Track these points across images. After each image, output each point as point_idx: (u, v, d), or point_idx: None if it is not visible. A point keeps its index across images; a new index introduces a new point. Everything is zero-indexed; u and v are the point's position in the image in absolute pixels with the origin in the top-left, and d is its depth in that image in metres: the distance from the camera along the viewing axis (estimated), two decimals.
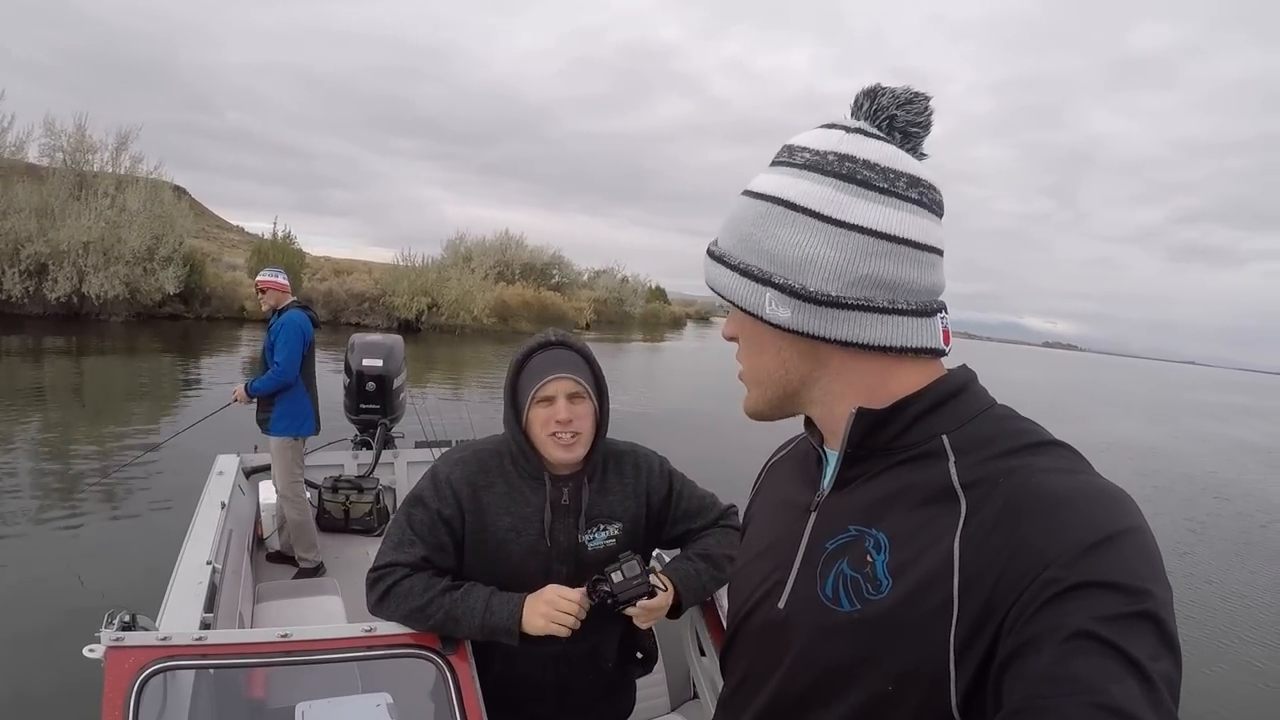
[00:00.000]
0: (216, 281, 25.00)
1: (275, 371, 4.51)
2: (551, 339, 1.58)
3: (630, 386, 19.57)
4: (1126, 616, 0.53)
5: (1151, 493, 12.03)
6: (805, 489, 0.83)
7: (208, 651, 1.35)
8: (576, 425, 1.52)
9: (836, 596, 0.70)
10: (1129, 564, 0.56)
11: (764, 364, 0.78)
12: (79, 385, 12.97)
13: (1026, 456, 0.66)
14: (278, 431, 4.53)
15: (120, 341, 18.32)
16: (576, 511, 1.58)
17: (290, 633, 1.41)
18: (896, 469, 0.72)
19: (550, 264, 45.14)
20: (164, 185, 24.51)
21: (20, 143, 22.45)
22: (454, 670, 1.45)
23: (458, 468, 1.57)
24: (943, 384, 0.73)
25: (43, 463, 7.83)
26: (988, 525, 0.62)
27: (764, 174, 0.75)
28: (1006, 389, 21.19)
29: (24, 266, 19.95)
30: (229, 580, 2.72)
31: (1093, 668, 0.51)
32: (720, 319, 1.06)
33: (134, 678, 1.28)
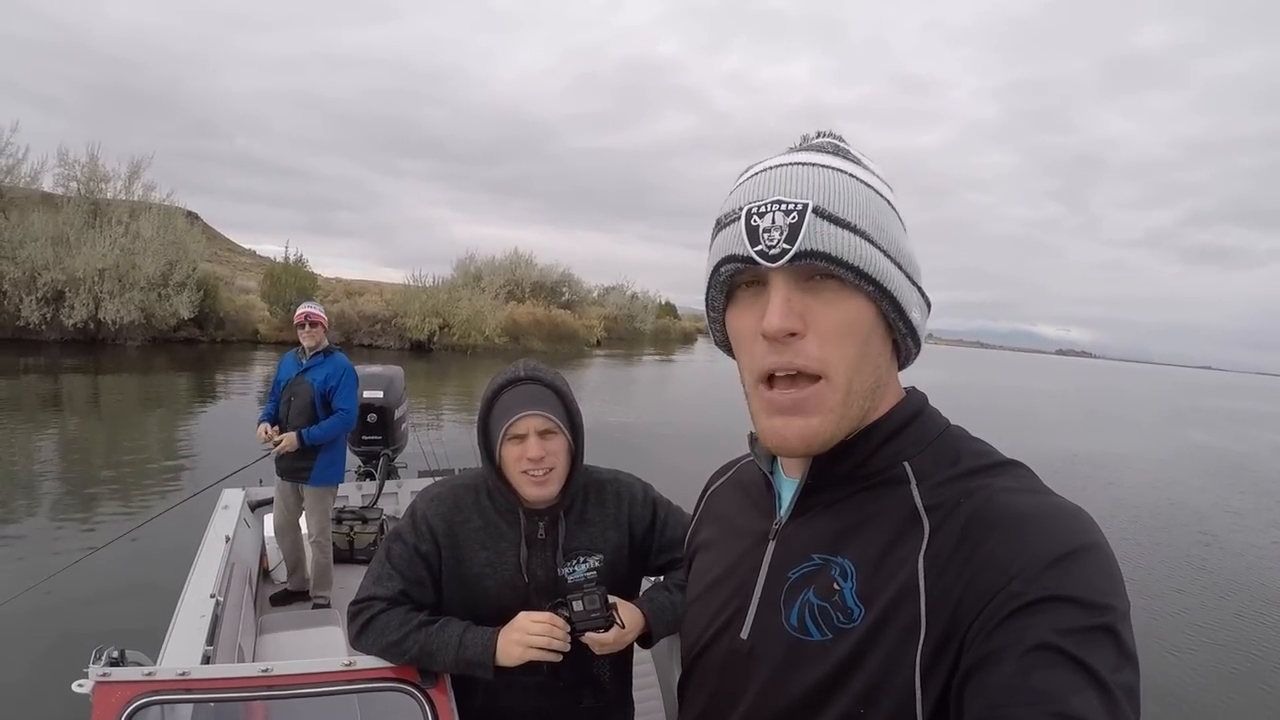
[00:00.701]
0: (230, 305, 25.23)
1: (341, 419, 4.42)
2: (521, 374, 1.54)
3: (642, 403, 19.67)
4: (1087, 630, 0.54)
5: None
6: (757, 516, 0.81)
7: (191, 686, 1.38)
8: (549, 461, 1.50)
9: (804, 626, 0.69)
10: (1090, 579, 0.57)
11: (865, 373, 0.69)
12: (97, 408, 13.05)
13: (986, 477, 0.67)
14: (321, 481, 4.42)
15: (137, 366, 18.45)
16: (554, 546, 1.57)
17: (271, 667, 1.44)
18: (859, 495, 0.71)
19: (560, 282, 45.25)
20: (177, 212, 24.89)
21: (35, 173, 22.95)
22: (433, 704, 1.46)
23: (433, 504, 1.58)
24: (903, 407, 0.73)
25: (56, 488, 7.83)
26: (951, 545, 0.63)
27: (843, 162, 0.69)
28: (1024, 399, 20.69)
29: (41, 294, 20.21)
30: (231, 613, 2.73)
31: (1053, 679, 0.52)
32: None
33: (120, 712, 1.30)
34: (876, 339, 0.69)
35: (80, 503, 7.38)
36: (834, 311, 0.66)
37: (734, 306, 0.73)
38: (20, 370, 15.94)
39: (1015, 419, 23.50)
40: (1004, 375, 62.65)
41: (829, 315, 0.66)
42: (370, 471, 5.22)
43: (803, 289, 0.66)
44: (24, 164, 22.63)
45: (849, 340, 0.67)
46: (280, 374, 4.54)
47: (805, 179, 0.66)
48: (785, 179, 0.67)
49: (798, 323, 0.65)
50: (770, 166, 0.69)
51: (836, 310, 0.66)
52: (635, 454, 10.13)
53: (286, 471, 4.42)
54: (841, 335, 0.66)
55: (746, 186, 0.70)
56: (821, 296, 0.66)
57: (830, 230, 0.64)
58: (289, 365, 4.52)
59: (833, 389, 0.67)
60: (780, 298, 0.66)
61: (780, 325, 0.65)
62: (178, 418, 12.71)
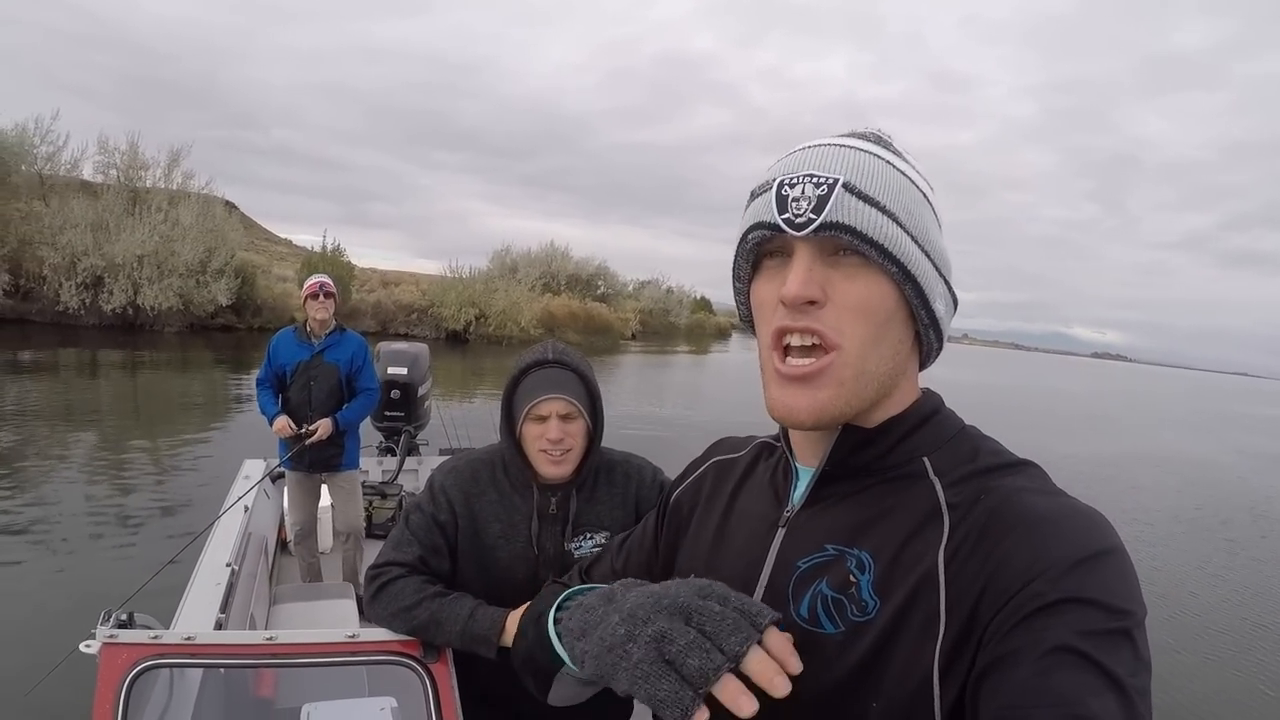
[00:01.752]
0: (267, 293, 25.23)
1: (370, 398, 4.12)
2: (549, 357, 1.58)
3: (676, 396, 19.54)
4: (1107, 633, 0.54)
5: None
6: (768, 501, 0.80)
7: (197, 651, 1.40)
8: (567, 443, 1.54)
9: (815, 617, 0.68)
10: (1111, 583, 0.57)
11: (880, 354, 0.68)
12: (134, 393, 12.97)
13: (1003, 476, 0.67)
14: (352, 464, 4.17)
15: (174, 352, 18.46)
16: (564, 520, 1.62)
17: (275, 635, 1.44)
18: (878, 488, 0.71)
19: (595, 275, 45.03)
20: (215, 200, 24.91)
21: (75, 160, 22.99)
22: (434, 678, 1.47)
23: (451, 476, 1.62)
24: (922, 405, 0.73)
25: (92, 466, 7.76)
26: (971, 541, 0.62)
27: (886, 152, 0.69)
28: (1063, 402, 20.34)
29: (81, 279, 20.24)
30: (245, 582, 2.81)
31: (1072, 681, 0.52)
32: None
33: (125, 674, 1.31)
34: (897, 323, 0.68)
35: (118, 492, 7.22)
36: (855, 286, 0.66)
37: (759, 277, 0.73)
38: (59, 356, 15.89)
39: (1062, 423, 22.78)
40: (1041, 377, 61.82)
41: (850, 289, 0.66)
42: (391, 447, 5.22)
43: (826, 262, 0.67)
44: (64, 151, 22.73)
45: (867, 317, 0.66)
46: (282, 357, 4.02)
47: (841, 157, 0.67)
48: (822, 156, 0.68)
49: (817, 291, 0.66)
50: (809, 145, 0.70)
51: (858, 285, 0.66)
52: (665, 445, 10.21)
53: (315, 463, 3.99)
54: (859, 310, 0.66)
55: (784, 161, 0.70)
56: (844, 270, 0.66)
57: (858, 205, 0.65)
58: (292, 347, 4.03)
59: (845, 363, 0.67)
60: (803, 266, 0.66)
61: (799, 292, 0.65)
62: (216, 401, 12.61)
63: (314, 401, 3.95)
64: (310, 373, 3.97)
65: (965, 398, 0.70)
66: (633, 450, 1.77)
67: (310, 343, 4.00)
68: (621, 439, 1.57)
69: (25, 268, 20.12)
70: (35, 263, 20.09)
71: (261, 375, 4.07)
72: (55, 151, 22.52)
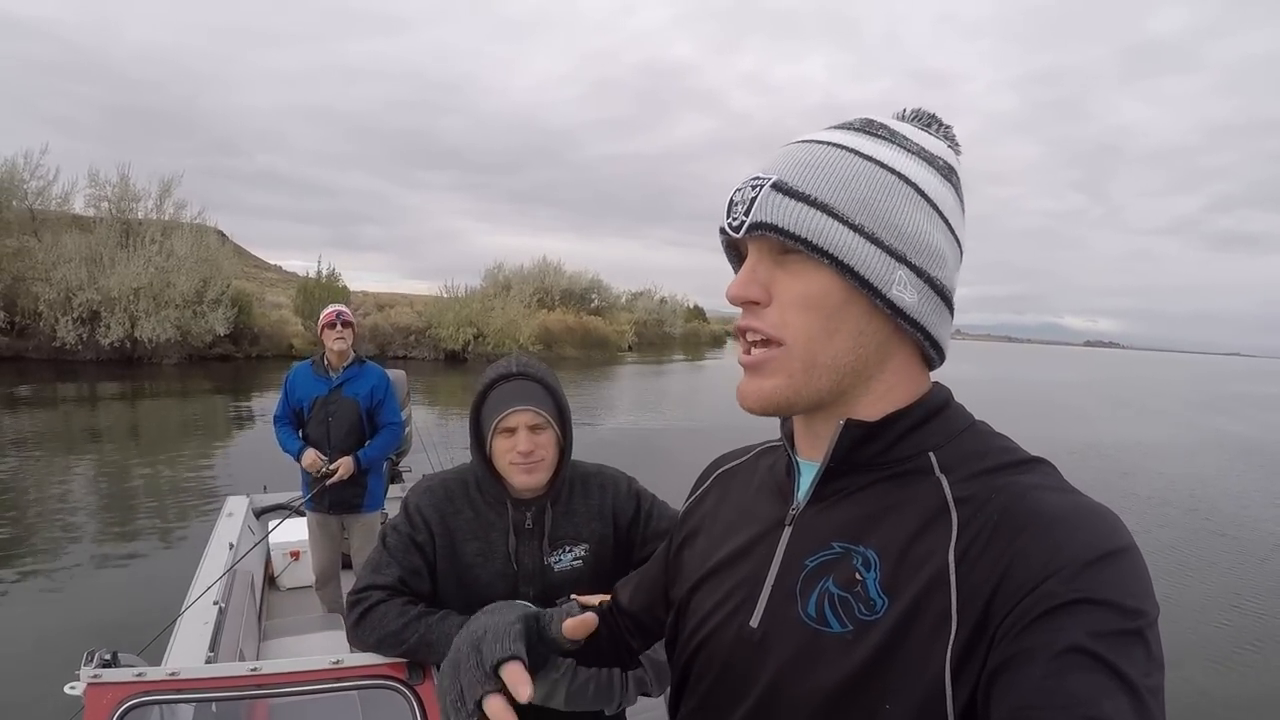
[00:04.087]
0: (263, 320, 25.11)
1: (393, 434, 3.90)
2: (513, 370, 1.58)
3: (673, 406, 19.45)
4: (1121, 634, 0.54)
5: None
6: (774, 501, 0.79)
7: (181, 686, 1.39)
8: (538, 454, 1.54)
9: (823, 616, 0.68)
10: (1125, 583, 0.56)
11: (834, 346, 0.68)
12: (136, 427, 12.84)
13: (1015, 474, 0.66)
14: (375, 506, 3.96)
15: (174, 383, 18.33)
16: (540, 535, 1.60)
17: (259, 666, 1.45)
18: (883, 484, 0.70)
19: (589, 288, 45.01)
20: (208, 230, 24.80)
21: (66, 194, 22.89)
22: (421, 700, 1.47)
23: (425, 496, 1.61)
24: (929, 399, 0.72)
25: (85, 501, 7.71)
26: (983, 539, 0.61)
27: (857, 137, 0.70)
28: (1055, 392, 20.46)
29: (77, 314, 20.11)
30: (233, 619, 2.81)
31: (1086, 683, 0.52)
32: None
33: (112, 713, 1.31)
34: (853, 315, 0.67)
35: (119, 521, 7.22)
36: (796, 283, 0.68)
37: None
38: (57, 391, 15.78)
39: (1057, 413, 22.80)
40: (1034, 369, 61.98)
41: (792, 285, 0.68)
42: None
43: (776, 261, 0.68)
44: (54, 186, 22.61)
45: (810, 312, 0.67)
46: (299, 392, 3.83)
47: (790, 155, 0.69)
48: (779, 156, 0.70)
49: (756, 291, 0.69)
50: (782, 146, 0.72)
51: (799, 282, 0.67)
52: (663, 456, 10.13)
53: (336, 504, 3.81)
54: (800, 305, 0.67)
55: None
56: (790, 268, 0.68)
57: (783, 203, 0.66)
58: (309, 381, 3.84)
59: (791, 356, 0.68)
60: (746, 268, 0.70)
61: (735, 293, 0.70)
62: (216, 435, 12.55)
63: (333, 439, 3.76)
64: (329, 408, 3.78)
65: (960, 394, 0.72)
66: (627, 461, 1.76)
67: (328, 376, 3.81)
68: (619, 450, 1.52)
69: (20, 304, 20.00)
70: (30, 299, 19.98)
71: (279, 412, 3.89)
72: (45, 186, 22.45)
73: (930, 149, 0.70)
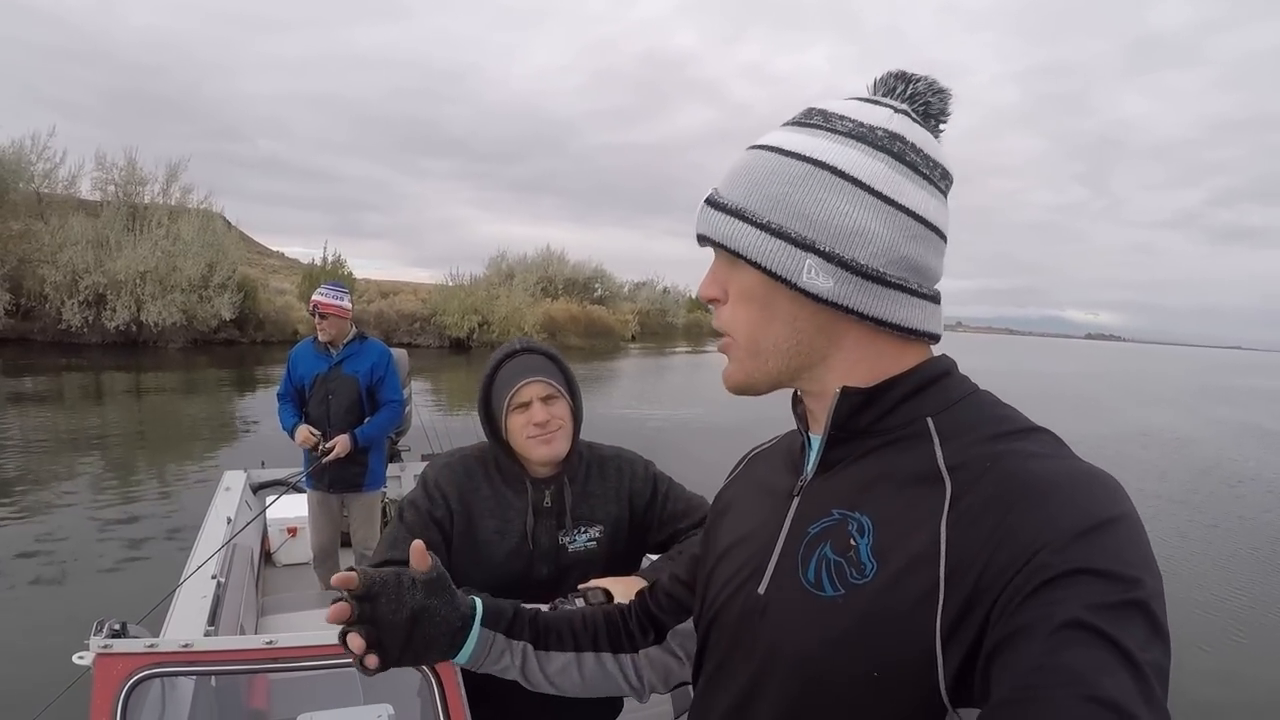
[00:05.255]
0: (269, 306, 25.12)
1: (393, 411, 3.88)
2: (517, 346, 1.61)
3: (676, 396, 19.47)
4: (1118, 605, 0.53)
5: None
6: (788, 475, 0.82)
7: (194, 658, 1.37)
8: (555, 423, 1.54)
9: (819, 581, 0.69)
10: (1120, 551, 0.55)
11: (773, 333, 0.73)
12: (136, 409, 12.84)
13: (1013, 442, 0.66)
14: (375, 485, 3.96)
15: (179, 366, 18.35)
16: (559, 513, 1.61)
17: (275, 640, 1.42)
18: (881, 451, 0.71)
19: (593, 278, 44.96)
20: (215, 216, 24.75)
21: (73, 177, 22.81)
22: (439, 678, 1.45)
23: (445, 472, 1.61)
24: (927, 368, 0.73)
25: (88, 480, 7.69)
26: (976, 509, 0.61)
27: (788, 133, 0.73)
28: (1063, 383, 20.36)
29: (83, 297, 20.10)
30: (232, 594, 2.81)
31: (1084, 659, 0.51)
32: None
33: (122, 684, 1.30)
34: (781, 304, 0.71)
35: (120, 490, 7.22)
36: (735, 281, 0.74)
37: None
38: (62, 378, 15.74)
39: (1068, 404, 22.81)
40: (1040, 361, 61.93)
41: (733, 284, 0.74)
42: None
43: (729, 263, 0.74)
44: (61, 169, 22.56)
45: (746, 305, 0.73)
46: (301, 369, 3.83)
47: (730, 167, 0.75)
48: (726, 169, 0.76)
49: (714, 290, 0.76)
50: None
51: (735, 280, 0.74)
52: (668, 446, 9.98)
53: (336, 482, 3.79)
54: (738, 301, 0.74)
55: None
56: (736, 269, 0.73)
57: (709, 214, 0.73)
58: (310, 358, 3.83)
59: (738, 345, 0.75)
60: (709, 271, 0.77)
61: (699, 294, 0.78)
62: (217, 412, 12.60)
63: (332, 416, 3.73)
64: (329, 385, 3.76)
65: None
66: (659, 446, 1.77)
67: (329, 354, 3.79)
68: (623, 437, 1.58)
69: (26, 286, 19.97)
70: (36, 281, 19.95)
71: (281, 389, 3.89)
72: (52, 169, 22.37)
73: (868, 122, 0.71)
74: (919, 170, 0.71)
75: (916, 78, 0.74)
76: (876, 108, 0.72)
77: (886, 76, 0.75)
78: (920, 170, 0.71)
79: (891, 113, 0.72)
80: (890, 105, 0.73)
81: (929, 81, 0.74)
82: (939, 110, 0.75)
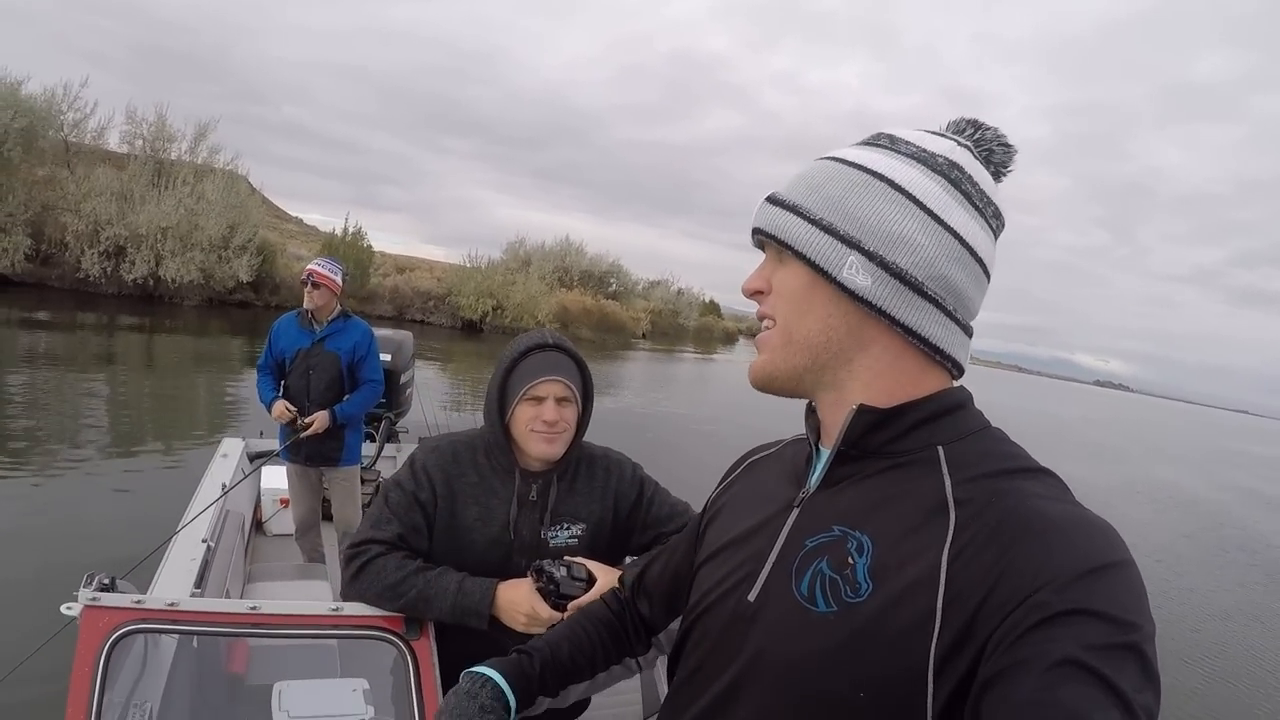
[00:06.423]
0: (287, 271, 25.04)
1: (373, 390, 3.93)
2: (549, 340, 1.61)
3: (683, 397, 19.61)
4: (1114, 647, 0.54)
5: None
6: (790, 485, 0.82)
7: (179, 617, 1.38)
8: (562, 425, 1.55)
9: (813, 595, 0.70)
10: (1118, 596, 0.57)
11: (806, 325, 0.75)
12: (148, 358, 12.89)
13: (1018, 480, 0.67)
14: (353, 460, 4.01)
15: (192, 323, 18.43)
16: (543, 508, 1.61)
17: (259, 605, 1.43)
18: (889, 473, 0.72)
19: (609, 272, 44.85)
20: (240, 178, 24.75)
21: (101, 129, 22.83)
22: (415, 655, 1.46)
23: (432, 455, 1.61)
24: (944, 396, 0.73)
25: (89, 434, 7.78)
26: (979, 543, 0.62)
27: (854, 149, 0.76)
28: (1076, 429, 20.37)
29: (103, 248, 20.11)
30: (221, 558, 2.81)
31: (1078, 695, 0.52)
32: None
33: (106, 637, 1.30)
34: (820, 298, 0.73)
35: (120, 446, 7.34)
36: (781, 274, 0.77)
37: None
38: (76, 318, 15.87)
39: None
40: (1043, 402, 61.69)
41: (779, 276, 0.77)
42: (371, 434, 5.12)
43: (777, 259, 0.78)
44: (90, 120, 22.55)
45: (789, 296, 0.76)
46: (283, 343, 3.86)
47: (795, 174, 0.78)
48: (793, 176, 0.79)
49: (759, 283, 0.79)
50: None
51: (782, 273, 0.77)
52: (668, 447, 10.13)
53: (312, 456, 3.84)
54: (781, 290, 0.77)
55: None
56: (783, 264, 0.77)
57: (767, 209, 0.77)
58: (293, 332, 3.86)
59: (775, 331, 0.77)
60: (758, 266, 0.81)
61: (745, 286, 0.81)
62: (225, 376, 12.55)
63: (312, 392, 3.78)
64: (310, 361, 3.80)
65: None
66: (659, 447, 1.77)
67: (312, 329, 3.82)
68: (624, 436, 1.50)
69: (47, 234, 20.01)
70: (57, 229, 19.97)
71: (262, 361, 3.92)
72: (82, 119, 22.34)
73: (929, 149, 0.74)
74: (972, 200, 0.73)
75: (987, 127, 0.77)
76: (941, 139, 0.76)
77: (959, 120, 0.78)
78: (973, 201, 0.73)
79: (955, 145, 0.75)
80: (955, 140, 0.76)
81: (998, 133, 0.77)
82: (1001, 161, 0.77)
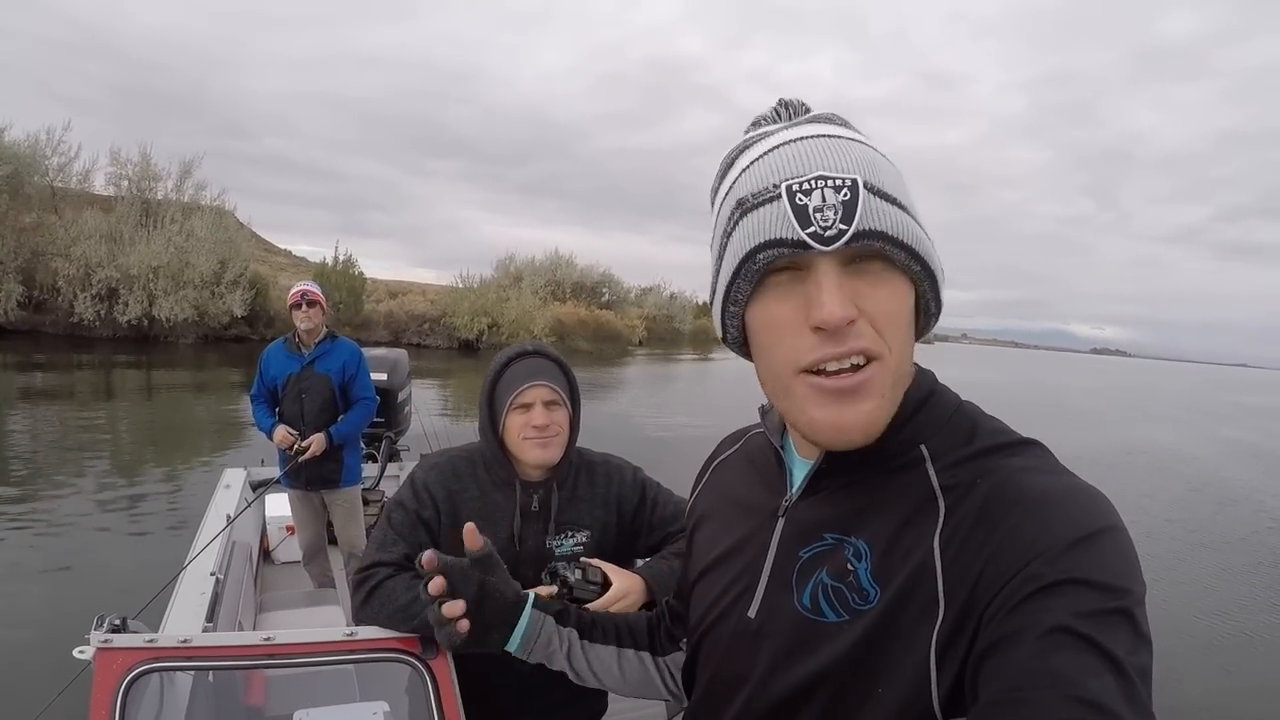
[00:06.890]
0: (279, 303, 25.05)
1: (366, 409, 3.94)
2: (529, 349, 1.62)
3: (682, 399, 19.63)
4: (1105, 613, 0.54)
5: None
6: (765, 492, 0.80)
7: (193, 653, 1.37)
8: (553, 429, 1.55)
9: (818, 606, 0.69)
10: (1109, 562, 0.56)
11: (908, 355, 0.66)
12: (146, 398, 12.86)
13: (1002, 457, 0.65)
14: (353, 481, 4.01)
15: (189, 361, 18.39)
16: (546, 517, 1.61)
17: (273, 636, 1.42)
18: (874, 479, 0.69)
19: (600, 282, 44.94)
20: (228, 213, 24.80)
21: (86, 172, 22.86)
22: (434, 674, 1.44)
23: (433, 472, 1.61)
24: (915, 390, 0.70)
25: (92, 478, 7.73)
26: (968, 524, 0.61)
27: (858, 133, 0.68)
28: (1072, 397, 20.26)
29: (95, 290, 20.13)
30: (231, 590, 2.80)
31: (1071, 662, 0.52)
32: None
33: (121, 679, 1.29)
34: (911, 319, 0.66)
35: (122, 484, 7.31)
36: (883, 293, 0.63)
37: (762, 297, 0.66)
38: (73, 371, 15.79)
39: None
40: (1042, 374, 61.84)
41: (880, 296, 0.62)
42: (372, 454, 5.14)
43: (847, 270, 0.62)
44: (75, 163, 22.58)
45: (899, 322, 0.64)
46: (273, 370, 3.89)
47: (842, 152, 0.63)
48: (821, 151, 0.62)
49: (854, 309, 0.61)
50: (796, 139, 0.65)
51: (884, 291, 0.63)
52: (669, 449, 9.99)
53: (313, 480, 3.85)
54: (892, 317, 0.63)
55: (772, 162, 0.64)
56: (868, 278, 0.62)
57: (884, 207, 0.61)
58: (282, 359, 3.88)
59: (885, 371, 0.63)
60: (833, 283, 0.61)
61: (843, 314, 0.60)
62: (222, 409, 12.61)
63: (307, 415, 3.80)
64: (301, 385, 3.82)
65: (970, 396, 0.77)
66: (659, 450, 1.78)
67: (300, 353, 3.84)
68: (631, 445, 1.52)
69: (39, 279, 20.00)
70: (49, 274, 19.97)
71: (254, 391, 3.95)
72: (67, 163, 22.41)
73: (887, 155, 0.69)
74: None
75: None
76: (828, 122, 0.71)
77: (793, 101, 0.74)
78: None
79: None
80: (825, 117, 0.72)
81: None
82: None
